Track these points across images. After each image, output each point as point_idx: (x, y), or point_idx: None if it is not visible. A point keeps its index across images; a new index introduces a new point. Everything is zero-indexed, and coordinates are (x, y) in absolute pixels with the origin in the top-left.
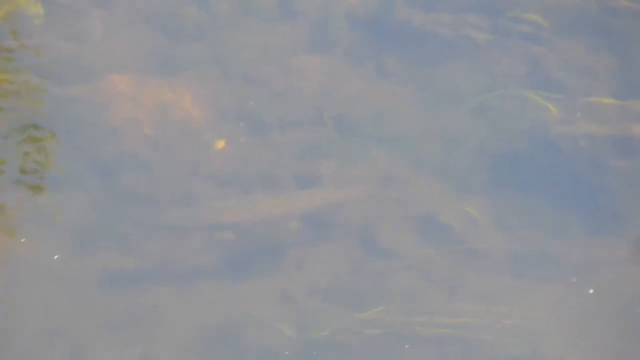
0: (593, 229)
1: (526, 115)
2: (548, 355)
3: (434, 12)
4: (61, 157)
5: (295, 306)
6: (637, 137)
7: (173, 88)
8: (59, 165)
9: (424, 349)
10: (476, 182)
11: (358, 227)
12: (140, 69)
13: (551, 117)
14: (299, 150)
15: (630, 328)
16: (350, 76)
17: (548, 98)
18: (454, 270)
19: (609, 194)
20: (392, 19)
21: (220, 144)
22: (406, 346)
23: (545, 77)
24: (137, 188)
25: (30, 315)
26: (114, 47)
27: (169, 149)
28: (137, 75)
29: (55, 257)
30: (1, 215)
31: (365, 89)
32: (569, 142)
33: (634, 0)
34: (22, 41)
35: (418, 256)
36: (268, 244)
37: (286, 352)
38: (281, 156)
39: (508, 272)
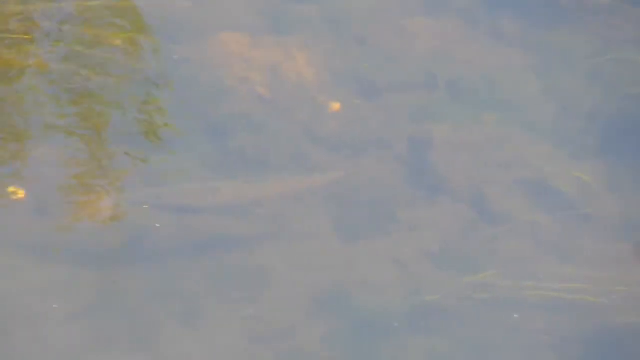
0: None
1: None
2: None
3: None
4: (173, 116)
5: (406, 270)
6: None
7: (286, 48)
8: (171, 125)
9: (533, 314)
10: (588, 146)
11: (469, 190)
12: (253, 28)
13: None
14: (411, 113)
15: None
16: (464, 39)
17: None
18: (564, 236)
19: None
20: None
21: (335, 105)
22: (515, 316)
23: None
24: (247, 149)
25: (144, 275)
26: (227, 6)
27: (281, 109)
28: (250, 35)
29: (157, 225)
30: (116, 174)
31: (479, 52)
32: None
33: None
34: (135, 1)
35: (528, 220)
36: (379, 208)
37: (395, 324)
38: (394, 119)
39: (619, 238)
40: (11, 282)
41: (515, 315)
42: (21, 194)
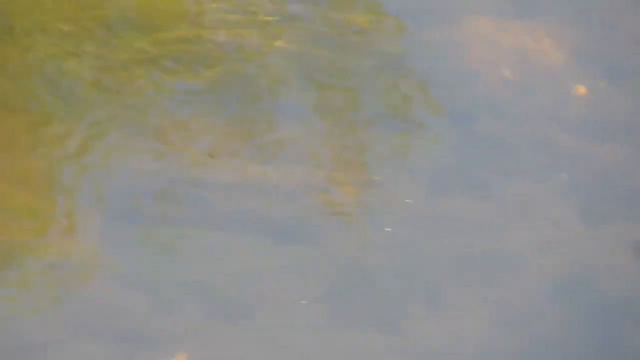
0: None
1: None
2: None
3: None
4: (418, 99)
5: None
6: None
7: (531, 32)
8: (415, 107)
9: None
10: None
11: None
12: (499, 12)
13: None
14: None
15: None
16: None
17: None
18: None
19: None
20: None
21: (581, 89)
22: None
23: None
24: (494, 132)
25: (387, 260)
26: None
27: (528, 93)
28: (496, 18)
29: (408, 200)
30: (357, 156)
31: None
32: None
33: None
34: None
35: None
36: (628, 193)
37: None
38: None
39: None
40: (254, 264)
41: None
42: None
